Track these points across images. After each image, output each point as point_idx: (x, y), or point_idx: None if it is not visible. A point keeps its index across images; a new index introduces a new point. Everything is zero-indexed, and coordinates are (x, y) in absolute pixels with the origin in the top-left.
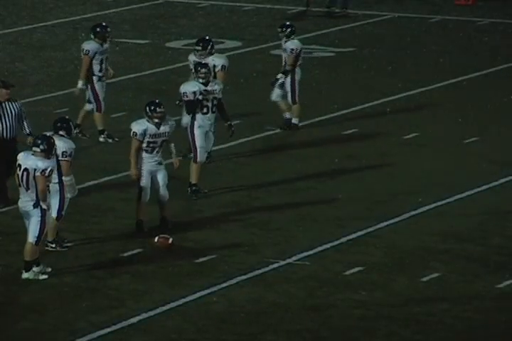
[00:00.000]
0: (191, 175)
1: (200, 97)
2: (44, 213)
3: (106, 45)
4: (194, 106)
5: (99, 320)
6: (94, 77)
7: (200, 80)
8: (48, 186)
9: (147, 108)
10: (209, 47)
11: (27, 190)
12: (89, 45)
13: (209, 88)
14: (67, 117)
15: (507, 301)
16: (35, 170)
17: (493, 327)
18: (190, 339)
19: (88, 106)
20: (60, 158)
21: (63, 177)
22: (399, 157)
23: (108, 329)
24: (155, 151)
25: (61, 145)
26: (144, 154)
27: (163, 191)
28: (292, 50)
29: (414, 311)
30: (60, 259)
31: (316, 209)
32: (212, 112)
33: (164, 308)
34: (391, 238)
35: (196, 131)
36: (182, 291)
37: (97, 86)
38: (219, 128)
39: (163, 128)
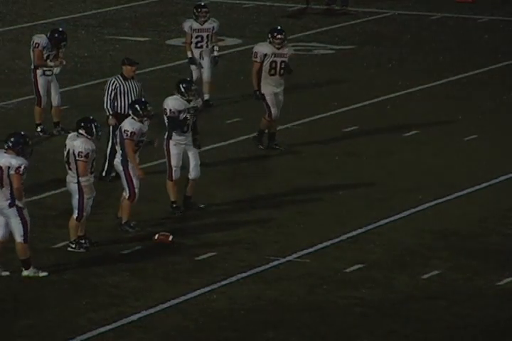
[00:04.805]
0: (169, 193)
1: (188, 116)
2: (21, 211)
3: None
4: (179, 124)
5: (99, 317)
6: (38, 71)
7: (185, 97)
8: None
9: (139, 107)
10: (205, 10)
11: (1, 188)
12: (40, 39)
13: (192, 104)
14: (90, 117)
15: (507, 298)
16: (8, 168)
17: (493, 324)
18: (190, 337)
19: (54, 102)
20: (76, 158)
21: (80, 178)
22: (399, 154)
23: (108, 327)
24: (138, 152)
25: (78, 144)
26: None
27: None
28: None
29: (414, 308)
30: (60, 256)
31: (316, 206)
32: (190, 130)
33: (164, 306)
34: (391, 235)
35: (172, 150)
36: (182, 289)
37: (40, 80)
38: (217, 126)
39: (146, 128)
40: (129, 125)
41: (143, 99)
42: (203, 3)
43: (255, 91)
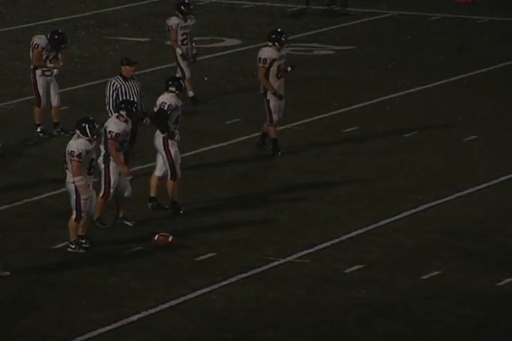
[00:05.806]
0: (170, 193)
1: (180, 113)
2: None
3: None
4: (165, 120)
5: (99, 318)
6: (38, 72)
7: (180, 94)
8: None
9: (127, 106)
10: (192, 7)
11: None
12: (39, 40)
13: (180, 103)
14: (90, 118)
15: (507, 299)
16: None
17: (493, 324)
18: (190, 337)
19: (54, 103)
20: (70, 158)
21: (73, 178)
22: (399, 155)
23: (108, 327)
24: (122, 151)
25: (72, 144)
26: None
27: (128, 187)
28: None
29: (414, 309)
30: (60, 257)
31: (316, 207)
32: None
33: (164, 306)
34: (391, 236)
35: (172, 148)
36: (182, 289)
37: (39, 81)
38: (217, 126)
39: (130, 127)
40: (114, 126)
41: (131, 99)
42: (186, 1)
43: (274, 93)
